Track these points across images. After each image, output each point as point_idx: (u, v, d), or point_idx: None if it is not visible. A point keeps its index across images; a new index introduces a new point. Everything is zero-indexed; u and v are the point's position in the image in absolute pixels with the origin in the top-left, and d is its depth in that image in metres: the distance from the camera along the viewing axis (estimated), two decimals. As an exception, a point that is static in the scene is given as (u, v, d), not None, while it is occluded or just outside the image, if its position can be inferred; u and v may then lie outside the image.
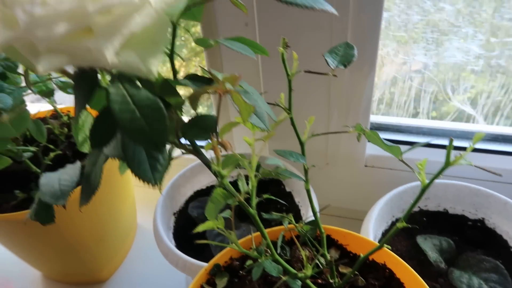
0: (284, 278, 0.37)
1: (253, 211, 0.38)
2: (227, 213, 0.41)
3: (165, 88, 0.26)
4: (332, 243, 0.52)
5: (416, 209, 0.67)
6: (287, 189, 0.74)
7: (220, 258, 0.50)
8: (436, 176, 0.36)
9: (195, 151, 0.30)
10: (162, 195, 0.68)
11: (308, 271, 0.41)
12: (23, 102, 0.52)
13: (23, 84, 0.56)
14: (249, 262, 0.49)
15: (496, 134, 0.71)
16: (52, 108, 0.75)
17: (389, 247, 0.40)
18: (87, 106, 0.23)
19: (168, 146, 0.32)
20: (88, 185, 0.28)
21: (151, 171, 0.24)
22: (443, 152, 0.70)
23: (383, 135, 0.74)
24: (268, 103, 0.39)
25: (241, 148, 0.79)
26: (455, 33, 0.73)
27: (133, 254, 0.83)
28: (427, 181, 0.38)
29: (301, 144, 0.46)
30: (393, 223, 0.65)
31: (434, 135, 0.73)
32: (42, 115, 0.78)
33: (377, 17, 0.58)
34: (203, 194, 0.75)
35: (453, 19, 0.73)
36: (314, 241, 0.48)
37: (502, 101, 0.80)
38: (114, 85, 0.21)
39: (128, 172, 0.79)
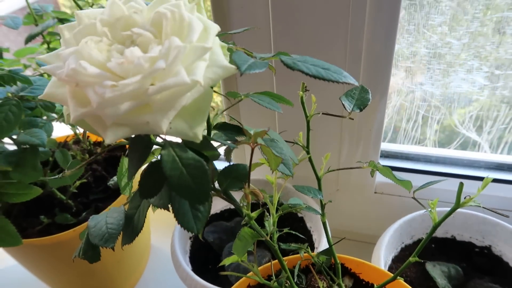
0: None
1: (275, 245, 0.40)
2: (250, 247, 0.44)
3: (203, 144, 0.29)
4: (345, 271, 0.54)
5: (424, 235, 0.69)
6: (299, 215, 0.76)
7: (239, 285, 0.52)
8: (446, 216, 0.39)
9: (229, 198, 0.32)
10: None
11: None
12: (51, 132, 0.55)
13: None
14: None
15: (502, 163, 0.74)
16: (72, 132, 0.78)
17: (402, 278, 0.43)
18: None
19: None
20: (131, 227, 0.31)
21: (193, 220, 0.27)
22: (451, 181, 0.72)
23: (392, 163, 0.77)
24: (286, 141, 0.42)
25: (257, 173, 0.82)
26: (461, 65, 0.76)
27: (148, 275, 0.86)
28: (438, 218, 0.40)
29: (318, 180, 0.49)
30: (403, 250, 0.68)
31: (442, 163, 0.76)
32: (61, 139, 0.81)
33: (390, 47, 0.60)
34: (217, 218, 0.77)
35: (460, 51, 0.77)
36: (329, 270, 0.50)
37: (507, 129, 0.83)
38: (166, 148, 0.24)
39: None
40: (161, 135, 0.25)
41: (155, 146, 0.27)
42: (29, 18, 0.69)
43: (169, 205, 0.28)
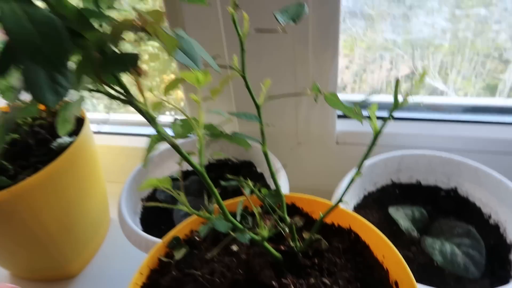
0: (233, 234, 0.35)
1: (200, 168, 0.36)
2: (177, 174, 0.39)
3: (81, 22, 0.25)
4: (296, 211, 0.50)
5: (388, 182, 0.66)
6: (259, 170, 0.72)
7: (179, 230, 0.48)
8: (388, 119, 0.35)
9: (124, 91, 0.28)
10: (127, 180, 0.66)
11: (264, 231, 0.39)
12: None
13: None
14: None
15: (466, 105, 0.71)
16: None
17: (347, 202, 0.39)
18: None
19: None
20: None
21: (51, 93, 0.22)
22: (419, 125, 0.69)
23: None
24: (220, 66, 0.38)
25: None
26: (421, 7, 0.73)
27: (106, 248, 0.80)
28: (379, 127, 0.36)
29: (257, 106, 0.44)
30: (366, 197, 0.64)
31: (406, 109, 0.73)
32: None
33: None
34: (172, 180, 0.73)
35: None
36: (279, 210, 0.46)
37: (472, 76, 0.80)
38: (7, 2, 0.20)
39: (98, 162, 0.77)
40: None
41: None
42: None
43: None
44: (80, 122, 0.71)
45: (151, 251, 0.45)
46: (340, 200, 0.39)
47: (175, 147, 0.32)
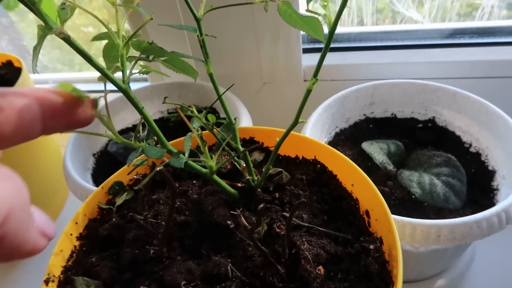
0: (166, 160, 0.29)
1: (124, 86, 0.30)
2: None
3: None
4: (256, 146, 0.45)
5: (361, 116, 0.60)
6: (223, 116, 0.66)
7: (121, 174, 0.42)
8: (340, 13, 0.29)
9: None
10: (73, 134, 0.59)
11: (211, 161, 0.33)
12: None
13: None
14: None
15: (443, 30, 0.65)
16: None
17: (305, 121, 0.33)
18: None
19: None
20: None
21: None
22: (392, 53, 0.63)
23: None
24: None
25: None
26: None
27: (64, 219, 0.74)
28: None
29: (197, 20, 0.38)
30: (337, 134, 0.59)
31: (380, 39, 0.66)
32: None
33: None
34: (128, 131, 0.66)
35: None
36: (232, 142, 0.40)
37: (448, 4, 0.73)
38: None
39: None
40: None
41: None
42: None
43: None
44: (17, 72, 0.64)
45: (88, 198, 0.39)
46: (297, 121, 0.34)
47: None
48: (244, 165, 0.39)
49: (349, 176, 0.38)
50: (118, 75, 0.30)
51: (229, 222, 0.36)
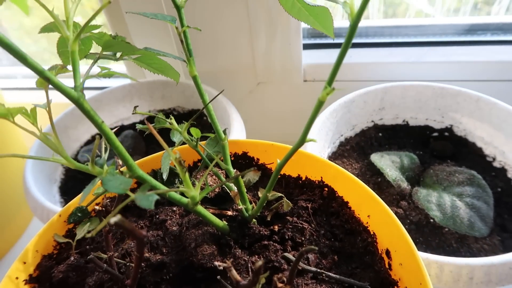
0: (131, 196, 0.21)
1: (76, 94, 0.22)
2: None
3: None
4: (250, 163, 0.37)
5: (369, 124, 0.53)
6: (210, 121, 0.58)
7: (86, 198, 0.34)
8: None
9: None
10: (37, 140, 0.51)
11: (193, 191, 0.26)
12: None
13: None
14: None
15: (459, 25, 0.57)
16: None
17: (315, 140, 0.26)
18: None
19: None
20: None
21: None
22: (404, 51, 0.55)
23: (330, 40, 0.59)
24: None
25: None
26: None
27: (36, 227, 0.66)
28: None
29: (177, 8, 0.30)
30: (342, 144, 0.51)
31: (388, 35, 0.59)
32: None
33: None
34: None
35: None
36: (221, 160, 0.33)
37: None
38: None
39: (15, 128, 0.61)
40: None
41: None
42: None
43: None
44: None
45: (42, 229, 0.32)
46: (304, 140, 0.26)
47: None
48: (236, 190, 0.32)
49: (364, 205, 0.31)
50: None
51: (216, 263, 0.29)
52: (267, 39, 0.54)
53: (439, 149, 0.50)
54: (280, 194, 0.32)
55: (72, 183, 0.52)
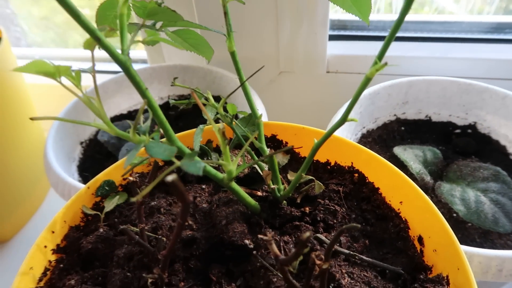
0: (177, 163, 0.21)
1: (123, 57, 0.22)
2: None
3: None
4: (279, 146, 0.37)
5: (391, 117, 0.53)
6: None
7: (112, 172, 0.34)
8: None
9: None
10: (59, 116, 0.51)
11: (231, 165, 0.25)
12: None
13: None
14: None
15: (487, 23, 0.57)
16: None
17: (355, 119, 0.25)
18: None
19: None
20: None
21: None
22: (430, 46, 0.55)
23: (355, 32, 0.59)
24: None
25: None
26: None
27: (45, 210, 0.66)
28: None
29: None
30: (364, 136, 0.51)
31: (413, 30, 0.59)
32: None
33: None
34: (123, 118, 0.58)
35: None
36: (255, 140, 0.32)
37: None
38: None
39: (28, 103, 0.61)
40: None
41: None
42: None
43: None
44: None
45: (70, 200, 0.31)
46: (346, 118, 0.26)
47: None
48: (268, 170, 0.31)
49: (396, 191, 0.31)
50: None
51: (247, 241, 0.28)
52: (292, 28, 0.54)
53: (462, 145, 0.50)
54: (310, 177, 0.32)
55: (90, 162, 0.52)
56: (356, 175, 0.33)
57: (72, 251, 0.30)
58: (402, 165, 0.46)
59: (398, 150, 0.47)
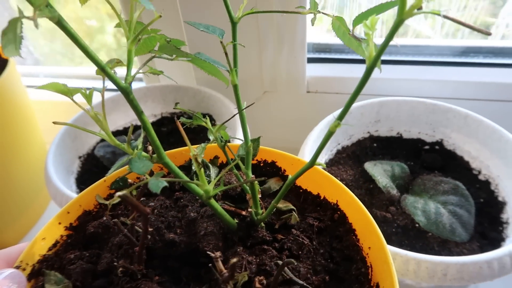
0: (148, 178, 0.26)
1: (125, 86, 0.26)
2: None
3: None
4: (277, 172, 0.40)
5: (365, 134, 0.57)
6: (218, 124, 0.63)
7: (123, 172, 0.38)
8: (389, 39, 0.24)
9: None
10: (59, 133, 0.56)
11: (207, 186, 0.30)
12: None
13: None
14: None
15: (455, 47, 0.62)
16: None
17: (323, 165, 0.29)
18: None
19: None
20: None
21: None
22: (401, 68, 0.59)
23: (333, 55, 0.64)
24: None
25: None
26: None
27: (46, 220, 0.70)
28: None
29: (233, 23, 0.33)
30: (339, 152, 0.55)
31: (392, 54, 0.63)
32: None
33: None
34: (120, 134, 0.62)
35: None
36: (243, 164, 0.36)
37: (462, 18, 0.70)
38: None
39: (31, 117, 0.66)
40: None
41: None
42: None
43: None
44: (3, 63, 0.60)
45: (88, 188, 0.36)
46: (314, 162, 0.29)
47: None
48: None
49: (368, 237, 0.32)
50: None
51: (218, 253, 0.32)
52: (274, 52, 0.59)
53: (429, 161, 0.54)
54: (292, 207, 0.35)
55: (87, 175, 0.56)
56: (338, 213, 0.35)
57: (80, 231, 0.34)
58: (371, 179, 0.50)
59: (368, 166, 0.51)
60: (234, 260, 0.21)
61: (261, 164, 0.40)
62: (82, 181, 0.55)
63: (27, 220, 0.67)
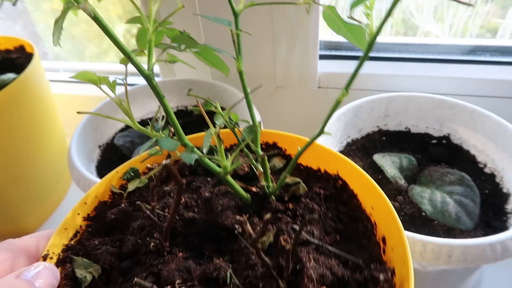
0: (178, 153, 0.28)
1: (148, 72, 0.29)
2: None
3: None
4: (279, 152, 0.43)
5: (374, 128, 0.59)
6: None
7: (138, 162, 0.41)
8: (388, 14, 0.27)
9: None
10: (81, 123, 0.58)
11: (225, 161, 0.32)
12: None
13: None
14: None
15: (463, 46, 0.64)
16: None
17: (330, 133, 0.32)
18: None
19: None
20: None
21: None
22: (410, 65, 0.61)
23: (343, 53, 0.66)
24: None
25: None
26: None
27: (68, 203, 0.74)
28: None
29: (235, 15, 0.36)
30: (349, 144, 0.57)
31: (401, 51, 0.65)
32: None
33: None
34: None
35: None
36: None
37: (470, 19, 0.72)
38: None
39: (53, 108, 0.69)
40: None
41: None
42: None
43: None
44: (28, 57, 0.63)
45: (101, 180, 0.38)
46: (321, 132, 0.32)
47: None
48: (261, 170, 0.38)
49: (370, 198, 0.35)
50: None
51: (236, 226, 0.35)
52: (287, 49, 0.61)
53: (436, 154, 0.56)
54: (298, 180, 0.38)
55: (107, 163, 0.59)
56: (340, 182, 0.38)
57: (99, 219, 0.37)
58: (379, 170, 0.52)
59: (377, 157, 0.53)
60: (268, 216, 0.23)
61: (263, 146, 0.43)
62: (102, 169, 0.58)
63: (48, 206, 0.70)
